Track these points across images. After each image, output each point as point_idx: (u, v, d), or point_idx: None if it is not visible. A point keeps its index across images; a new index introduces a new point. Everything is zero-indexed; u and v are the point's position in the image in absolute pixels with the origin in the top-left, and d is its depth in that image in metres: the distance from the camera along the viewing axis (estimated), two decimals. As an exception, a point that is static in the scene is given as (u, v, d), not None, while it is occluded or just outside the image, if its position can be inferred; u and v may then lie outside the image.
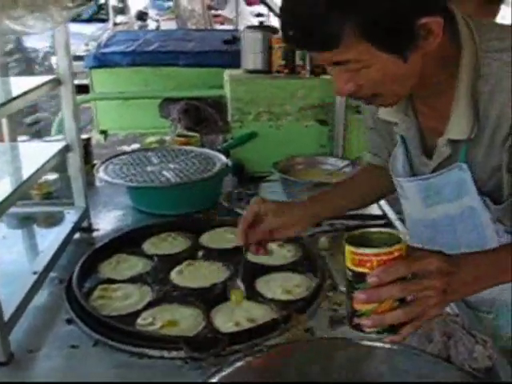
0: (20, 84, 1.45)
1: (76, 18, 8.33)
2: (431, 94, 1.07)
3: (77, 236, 1.63)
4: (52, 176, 1.93)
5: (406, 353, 1.00)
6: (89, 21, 9.02)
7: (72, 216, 1.63)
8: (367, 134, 1.40)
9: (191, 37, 4.02)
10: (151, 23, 10.98)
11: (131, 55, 3.45)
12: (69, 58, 1.51)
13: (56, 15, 1.22)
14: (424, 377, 0.96)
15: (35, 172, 1.38)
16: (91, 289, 1.32)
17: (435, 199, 1.16)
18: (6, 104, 1.23)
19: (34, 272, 1.31)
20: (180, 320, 1.20)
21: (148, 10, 11.80)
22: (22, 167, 1.48)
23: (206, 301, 1.26)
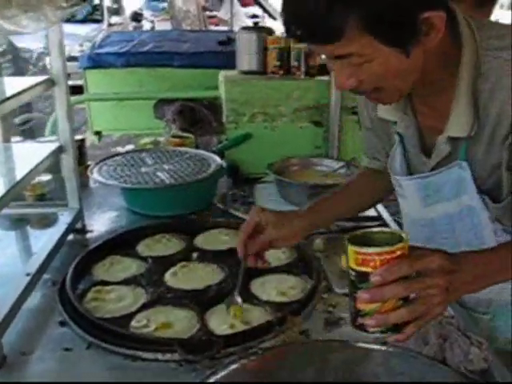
0: (13, 84, 1.44)
1: (70, 19, 8.33)
2: (431, 93, 1.06)
3: (70, 237, 1.62)
4: (46, 177, 1.92)
5: (402, 355, 1.00)
6: (83, 21, 9.01)
7: (66, 217, 1.62)
8: (364, 135, 1.39)
9: (186, 38, 4.02)
10: (146, 24, 10.97)
11: (126, 56, 3.44)
12: (63, 59, 1.50)
13: (50, 15, 1.22)
14: (420, 379, 0.96)
15: (28, 173, 1.37)
16: (85, 291, 1.31)
17: (434, 198, 1.16)
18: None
19: (27, 274, 1.29)
20: (174, 322, 1.19)
21: (143, 11, 11.79)
22: (16, 168, 1.46)
23: (201, 303, 1.25)
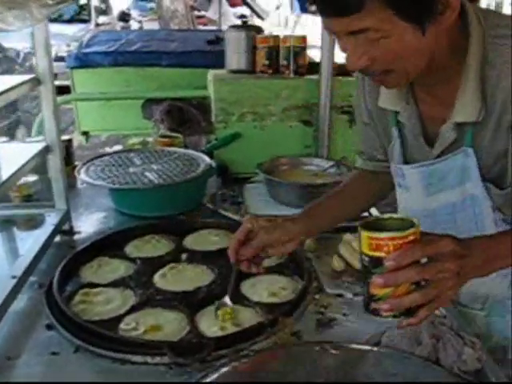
0: (-2, 83, 1.41)
1: (57, 19, 8.29)
2: (437, 81, 1.07)
3: (57, 239, 1.60)
4: (32, 178, 1.90)
5: (395, 356, 0.99)
6: (70, 21, 8.98)
7: (52, 218, 1.60)
8: (360, 132, 1.38)
9: (174, 37, 4.00)
10: (134, 24, 10.95)
11: (113, 55, 3.42)
12: (49, 57, 1.49)
13: (35, 12, 1.20)
14: (413, 380, 0.95)
15: (14, 173, 1.35)
16: (72, 293, 1.29)
17: (438, 186, 1.17)
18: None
19: (13, 276, 1.27)
20: (164, 324, 1.18)
21: (130, 11, 11.77)
22: (1, 168, 1.44)
23: (191, 305, 1.24)
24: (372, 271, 0.85)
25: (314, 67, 2.21)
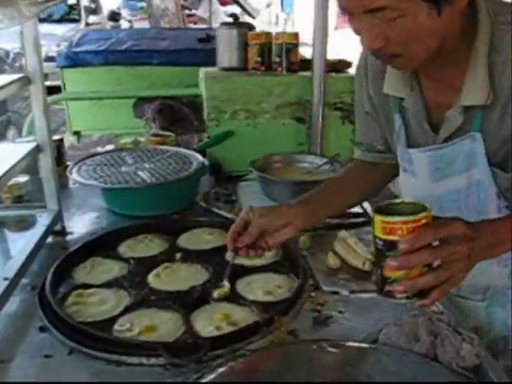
0: (-13, 82, 1.40)
1: (47, 18, 8.25)
2: (445, 64, 1.07)
3: (49, 240, 1.58)
4: (23, 178, 1.88)
5: (393, 353, 0.99)
6: (60, 21, 8.94)
7: (44, 219, 1.58)
8: (361, 122, 1.37)
9: (165, 35, 3.97)
10: (124, 23, 10.91)
11: (104, 54, 3.39)
12: (38, 56, 1.47)
13: (24, 10, 1.18)
14: (412, 377, 0.95)
15: (5, 174, 1.33)
16: (65, 294, 1.28)
17: (445, 171, 1.18)
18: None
19: (5, 278, 1.26)
20: (159, 325, 1.16)
21: (121, 11, 11.73)
22: (-9, 169, 1.43)
23: (186, 304, 1.23)
24: (386, 254, 0.88)
25: (306, 64, 2.20)
